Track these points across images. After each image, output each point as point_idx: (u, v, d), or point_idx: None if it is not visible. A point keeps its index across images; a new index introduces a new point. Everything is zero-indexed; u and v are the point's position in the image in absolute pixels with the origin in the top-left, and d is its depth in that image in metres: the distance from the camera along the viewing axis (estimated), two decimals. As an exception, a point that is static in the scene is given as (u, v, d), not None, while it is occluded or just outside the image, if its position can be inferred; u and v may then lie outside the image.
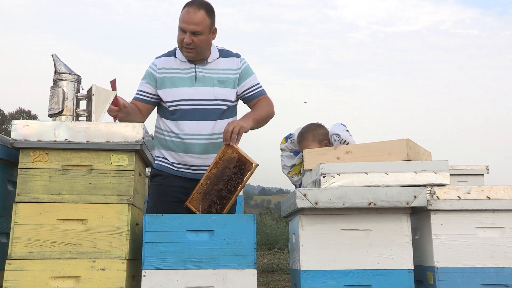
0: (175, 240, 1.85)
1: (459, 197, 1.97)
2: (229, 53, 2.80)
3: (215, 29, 2.67)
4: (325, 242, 1.91)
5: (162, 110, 2.73)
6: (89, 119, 2.04)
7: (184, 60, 2.69)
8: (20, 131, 1.85)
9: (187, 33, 2.58)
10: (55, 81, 2.04)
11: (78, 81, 2.05)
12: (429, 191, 1.96)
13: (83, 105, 2.10)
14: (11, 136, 1.85)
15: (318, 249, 1.90)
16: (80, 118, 2.06)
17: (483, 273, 1.93)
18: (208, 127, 2.65)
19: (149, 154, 2.09)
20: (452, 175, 2.30)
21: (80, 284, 1.78)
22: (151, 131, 2.41)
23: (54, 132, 1.86)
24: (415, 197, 1.89)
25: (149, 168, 2.48)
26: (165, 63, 2.71)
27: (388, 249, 1.91)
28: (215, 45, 2.77)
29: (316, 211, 1.92)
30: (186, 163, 2.67)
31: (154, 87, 2.68)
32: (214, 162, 2.48)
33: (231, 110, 2.76)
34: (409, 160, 2.07)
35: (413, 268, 1.90)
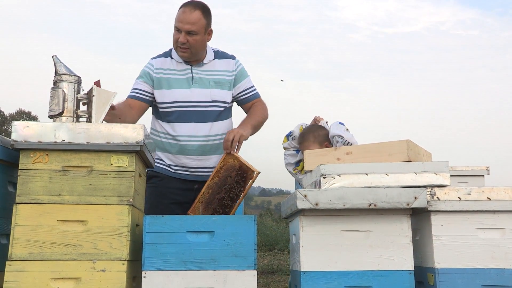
0: (175, 241, 1.85)
1: (459, 198, 1.97)
2: (224, 55, 2.80)
3: (211, 31, 2.67)
4: (326, 243, 1.91)
5: (157, 111, 2.72)
6: (89, 120, 2.04)
7: (180, 61, 2.69)
8: (20, 132, 1.85)
9: (182, 32, 2.58)
10: (55, 82, 2.04)
11: (78, 82, 2.06)
12: (430, 192, 1.96)
13: (83, 106, 2.11)
14: (12, 137, 1.85)
15: (318, 250, 1.90)
16: (80, 119, 2.06)
17: (483, 274, 1.93)
18: (205, 129, 2.65)
19: (150, 155, 2.09)
20: (452, 176, 2.30)
21: (80, 285, 1.78)
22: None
23: (54, 133, 1.86)
24: (415, 198, 1.89)
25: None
26: (161, 64, 2.70)
27: (388, 250, 1.91)
28: (210, 46, 2.77)
29: (316, 212, 1.92)
30: (183, 164, 2.67)
31: (151, 86, 2.67)
32: (215, 171, 2.49)
33: (227, 111, 2.77)
34: (410, 161, 2.07)
35: (413, 269, 1.90)
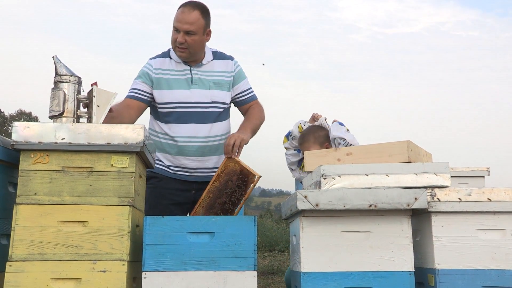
0: (175, 242, 1.85)
1: (460, 199, 1.96)
2: (223, 55, 2.80)
3: (210, 31, 2.67)
4: (326, 244, 1.91)
5: (156, 112, 2.71)
6: (89, 121, 2.04)
7: (179, 61, 2.68)
8: (20, 132, 1.85)
9: (181, 32, 2.58)
10: (55, 83, 2.04)
11: (79, 82, 2.06)
12: (430, 193, 1.96)
13: (83, 107, 2.11)
14: (12, 137, 1.85)
15: (318, 251, 1.90)
16: (80, 119, 2.06)
17: (484, 275, 1.92)
18: (205, 130, 2.65)
19: (150, 156, 2.09)
20: (452, 176, 2.30)
21: (80, 286, 1.78)
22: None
23: (55, 133, 1.86)
24: (415, 199, 1.89)
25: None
26: (160, 64, 2.70)
27: (389, 251, 1.91)
28: (208, 47, 2.76)
29: (316, 213, 1.91)
30: (182, 165, 2.67)
31: (150, 86, 2.66)
32: (216, 175, 2.49)
33: (225, 112, 2.77)
34: (410, 162, 2.07)
35: (414, 270, 1.90)
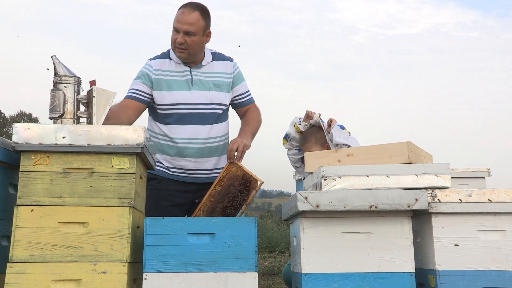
0: (176, 243, 1.85)
1: (460, 200, 1.96)
2: (222, 57, 2.80)
3: (210, 32, 2.66)
4: (326, 245, 1.90)
5: (155, 113, 2.71)
6: (90, 121, 2.03)
7: (179, 62, 2.68)
8: (21, 134, 1.85)
9: (181, 33, 2.57)
10: (55, 84, 2.04)
11: (78, 83, 2.05)
12: (431, 194, 1.96)
13: (83, 106, 2.10)
14: (13, 139, 1.85)
15: (319, 252, 1.90)
16: (80, 119, 2.06)
17: (484, 276, 1.92)
18: (204, 131, 2.65)
19: (150, 157, 2.09)
20: (453, 177, 2.29)
21: (81, 287, 1.78)
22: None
23: (55, 135, 1.86)
24: (416, 200, 1.89)
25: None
26: (160, 65, 2.69)
27: (389, 252, 1.91)
28: (208, 48, 2.76)
29: (317, 214, 1.91)
30: (181, 167, 2.67)
31: (149, 87, 2.65)
32: (217, 179, 2.49)
33: (225, 113, 2.77)
34: (410, 163, 2.07)
35: (414, 271, 1.90)
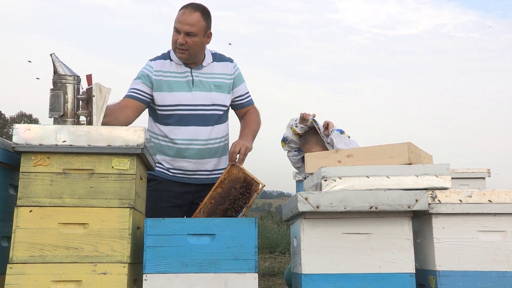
0: (176, 244, 1.85)
1: (460, 200, 1.96)
2: (222, 57, 2.79)
3: (210, 33, 2.66)
4: (327, 246, 1.90)
5: (155, 114, 2.70)
6: (89, 119, 2.03)
7: (179, 63, 2.67)
8: (21, 135, 1.85)
9: (181, 33, 2.57)
10: (55, 83, 2.02)
11: (78, 82, 2.04)
12: (431, 195, 1.96)
13: (82, 103, 2.09)
14: (13, 140, 1.85)
15: (319, 253, 1.90)
16: (80, 118, 2.05)
17: (485, 277, 1.92)
18: (205, 133, 2.65)
19: (150, 158, 2.09)
20: (453, 178, 2.30)
21: (81, 288, 1.78)
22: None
23: (55, 136, 1.86)
24: (416, 200, 1.89)
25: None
26: (161, 66, 2.68)
27: (389, 253, 1.90)
28: (208, 48, 2.76)
29: (317, 215, 1.91)
30: (182, 168, 2.66)
31: (150, 88, 2.64)
32: (218, 181, 2.49)
33: (225, 114, 2.77)
34: (411, 163, 2.07)
35: (414, 272, 1.90)
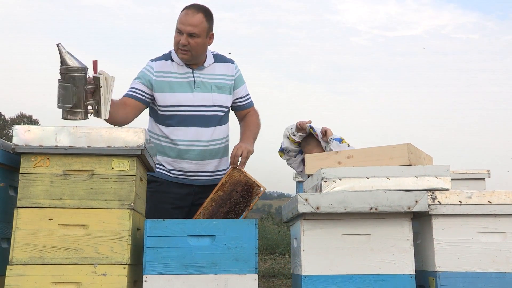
0: (176, 245, 1.85)
1: (460, 201, 1.96)
2: (223, 58, 2.79)
3: (212, 35, 2.66)
4: (327, 247, 1.90)
5: (156, 114, 2.70)
6: (97, 109, 2.04)
7: (181, 63, 2.67)
8: (21, 136, 1.85)
9: (184, 34, 2.57)
10: (62, 74, 1.99)
11: (85, 72, 2.02)
12: (431, 196, 1.96)
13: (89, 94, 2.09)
14: (13, 141, 1.85)
15: (319, 254, 1.90)
16: (88, 108, 2.05)
17: (484, 278, 1.92)
18: (207, 134, 2.65)
19: (150, 159, 2.09)
20: (453, 179, 2.30)
21: (81, 289, 1.78)
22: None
23: (55, 137, 1.86)
24: (416, 201, 1.89)
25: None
26: (162, 67, 2.68)
27: (389, 254, 1.90)
28: (209, 49, 2.76)
29: (317, 216, 1.91)
30: (183, 169, 2.66)
31: (150, 88, 2.64)
32: (220, 184, 2.50)
33: (226, 116, 2.77)
34: (410, 164, 2.07)
35: (414, 273, 1.90)
